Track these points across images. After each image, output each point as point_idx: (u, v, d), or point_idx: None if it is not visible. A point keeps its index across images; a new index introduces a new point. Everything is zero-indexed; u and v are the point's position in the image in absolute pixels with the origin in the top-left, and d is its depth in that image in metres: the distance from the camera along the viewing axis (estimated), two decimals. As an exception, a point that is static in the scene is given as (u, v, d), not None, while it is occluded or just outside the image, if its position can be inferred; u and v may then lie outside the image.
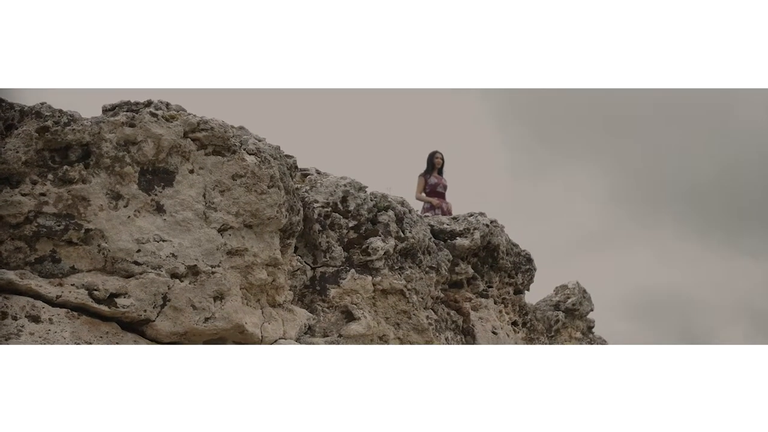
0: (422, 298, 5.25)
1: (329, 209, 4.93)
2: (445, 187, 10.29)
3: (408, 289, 5.10)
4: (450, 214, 11.09)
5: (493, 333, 6.03)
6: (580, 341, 9.86)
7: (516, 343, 6.44)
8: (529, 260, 6.78)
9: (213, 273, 3.90)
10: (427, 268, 5.37)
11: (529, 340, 6.79)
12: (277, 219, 4.16)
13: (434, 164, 9.85)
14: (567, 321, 9.68)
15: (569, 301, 9.82)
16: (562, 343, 9.47)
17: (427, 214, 9.13)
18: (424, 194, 10.01)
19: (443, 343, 5.45)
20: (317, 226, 4.85)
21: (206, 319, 3.85)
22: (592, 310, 10.41)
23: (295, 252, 4.82)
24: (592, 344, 10.23)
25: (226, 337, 4.01)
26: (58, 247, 3.55)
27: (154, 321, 3.71)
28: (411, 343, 5.08)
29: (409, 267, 5.20)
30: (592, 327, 10.66)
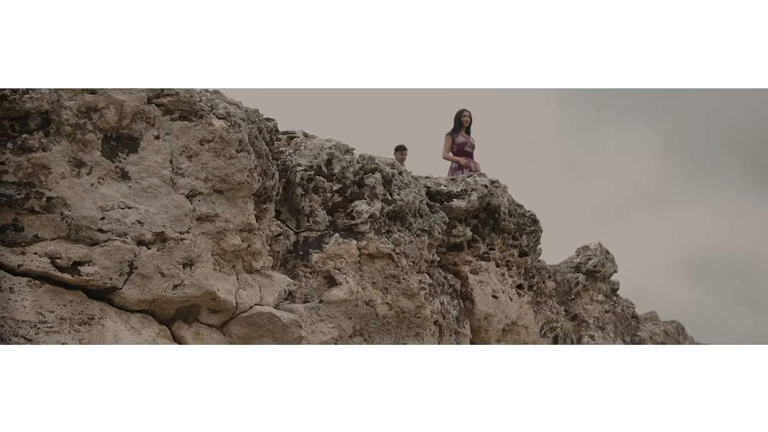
0: (413, 262, 5.15)
1: (312, 173, 4.83)
2: (473, 147, 10.06)
3: (396, 253, 5.00)
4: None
5: (494, 297, 5.90)
6: (602, 303, 9.66)
7: (520, 307, 6.30)
8: (535, 221, 6.59)
9: (182, 239, 3.86)
10: (419, 231, 5.25)
11: (536, 304, 6.64)
12: (249, 184, 4.09)
13: (462, 123, 9.61)
14: (588, 283, 9.49)
15: (590, 262, 9.61)
16: (583, 306, 9.28)
17: (458, 174, 8.95)
18: (451, 154, 9.81)
19: (436, 308, 5.35)
20: (299, 190, 4.76)
21: (175, 286, 3.82)
22: (615, 271, 10.16)
23: (278, 217, 4.75)
24: (615, 307, 10.00)
25: (199, 305, 3.99)
26: (20, 216, 3.53)
27: (121, 289, 3.70)
28: (400, 308, 4.99)
29: (398, 230, 5.09)
30: (617, 289, 10.41)
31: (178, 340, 3.90)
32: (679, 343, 16.33)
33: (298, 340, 4.17)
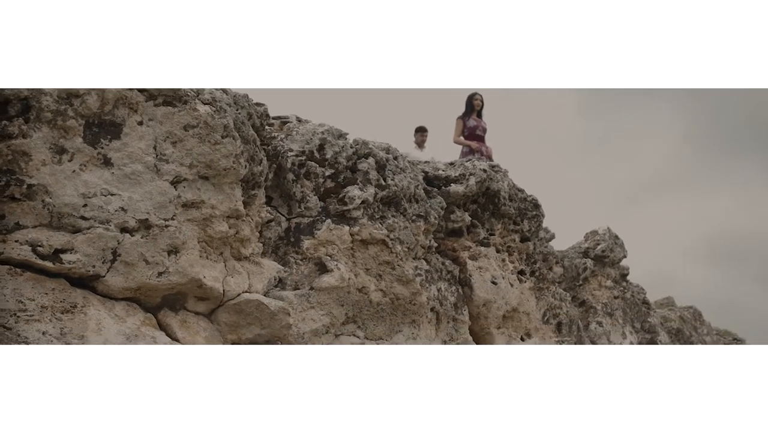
0: (408, 248, 5.07)
1: (304, 158, 4.76)
2: (484, 130, 9.92)
3: (391, 239, 4.93)
4: (490, 158, 10.77)
5: (493, 283, 5.82)
6: (611, 289, 9.53)
7: (521, 293, 6.21)
8: (536, 206, 6.48)
9: (166, 226, 3.82)
10: (414, 217, 5.18)
11: (538, 290, 6.54)
12: (235, 170, 4.03)
13: (473, 106, 9.50)
14: (596, 269, 9.37)
15: (599, 247, 9.48)
16: (591, 292, 9.16)
17: (469, 158, 8.84)
18: (462, 138, 9.68)
19: (433, 294, 5.28)
20: (291, 176, 4.70)
21: (160, 274, 3.78)
22: (624, 257, 10.02)
23: (269, 203, 4.70)
24: (625, 293, 9.87)
25: (186, 292, 3.95)
26: (1, 203, 3.50)
27: (104, 276, 3.66)
28: (395, 295, 4.93)
29: (392, 216, 5.02)
30: (626, 275, 10.28)
31: (164, 328, 3.87)
32: (695, 329, 16.16)
33: (287, 328, 4.12)
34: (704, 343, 16.01)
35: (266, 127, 4.74)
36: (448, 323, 5.48)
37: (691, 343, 15.36)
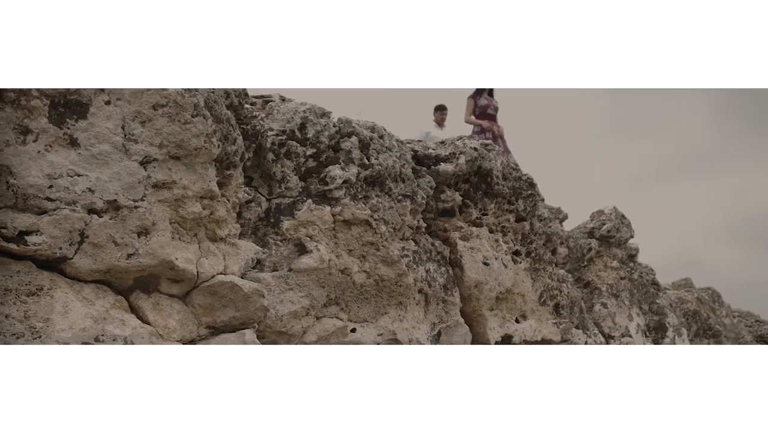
0: (394, 229, 4.97)
1: (284, 137, 4.67)
2: (496, 109, 9.78)
3: (375, 219, 4.83)
4: (502, 137, 10.60)
5: (485, 264, 5.70)
6: (617, 270, 9.37)
7: (516, 274, 6.09)
8: (532, 185, 6.34)
9: (136, 207, 3.75)
10: (400, 197, 5.07)
11: (534, 271, 6.41)
12: (207, 149, 3.95)
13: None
14: (602, 249, 9.22)
15: (604, 227, 9.33)
16: (596, 273, 9.00)
17: (480, 138, 8.70)
18: (473, 117, 9.54)
19: (421, 276, 5.19)
20: (271, 156, 4.61)
21: (129, 256, 3.72)
22: (631, 236, 9.85)
23: (249, 184, 4.62)
24: (632, 273, 9.70)
25: (158, 274, 3.89)
26: (-36, 186, 3.45)
27: (72, 259, 3.61)
28: (380, 276, 4.84)
29: (376, 196, 4.91)
30: (635, 255, 10.10)
31: (135, 310, 3.82)
32: (713, 310, 15.91)
33: (261, 310, 4.05)
34: (723, 325, 15.75)
35: (246, 106, 4.65)
36: (438, 305, 5.38)
37: (709, 325, 15.12)
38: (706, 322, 14.80)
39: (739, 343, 15.40)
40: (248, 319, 4.03)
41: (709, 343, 15.29)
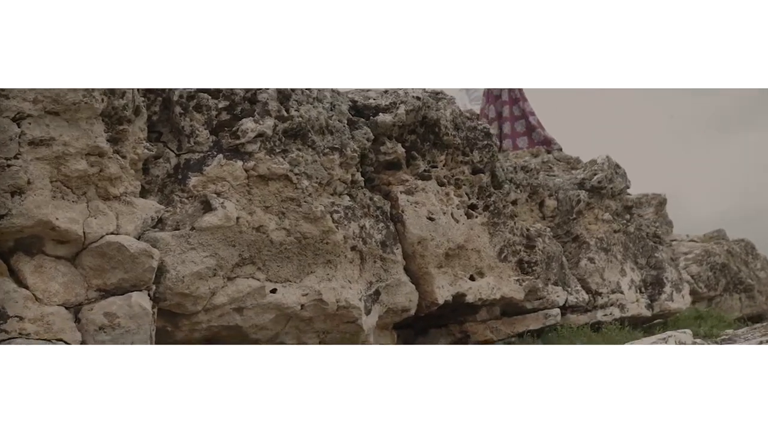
0: (319, 183, 4.72)
1: (194, 89, 4.42)
2: None
3: (296, 174, 4.58)
4: (516, 101, 10.21)
5: (429, 219, 5.41)
6: (609, 223, 8.94)
7: (471, 229, 5.78)
8: (487, 135, 5.98)
9: (8, 166, 3.57)
10: (326, 150, 4.79)
11: (492, 225, 6.09)
12: (87, 104, 3.73)
13: None
14: (593, 201, 8.80)
15: (595, 178, 8.88)
16: (585, 226, 8.59)
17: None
18: None
19: (353, 233, 4.93)
20: (178, 109, 4.38)
21: (2, 216, 3.55)
22: (627, 187, 9.38)
23: (159, 139, 4.41)
24: (628, 226, 9.23)
25: (41, 235, 3.73)
26: None
27: (-60, 220, 3.47)
28: (302, 234, 4.61)
29: (297, 149, 4.65)
30: (631, 207, 9.62)
31: (15, 273, 3.67)
32: (746, 263, 15.26)
33: (150, 271, 3.87)
34: (756, 279, 15.06)
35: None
36: (375, 263, 5.14)
37: (740, 279, 14.49)
38: (736, 275, 14.18)
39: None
40: (138, 281, 3.86)
41: (740, 298, 14.67)
